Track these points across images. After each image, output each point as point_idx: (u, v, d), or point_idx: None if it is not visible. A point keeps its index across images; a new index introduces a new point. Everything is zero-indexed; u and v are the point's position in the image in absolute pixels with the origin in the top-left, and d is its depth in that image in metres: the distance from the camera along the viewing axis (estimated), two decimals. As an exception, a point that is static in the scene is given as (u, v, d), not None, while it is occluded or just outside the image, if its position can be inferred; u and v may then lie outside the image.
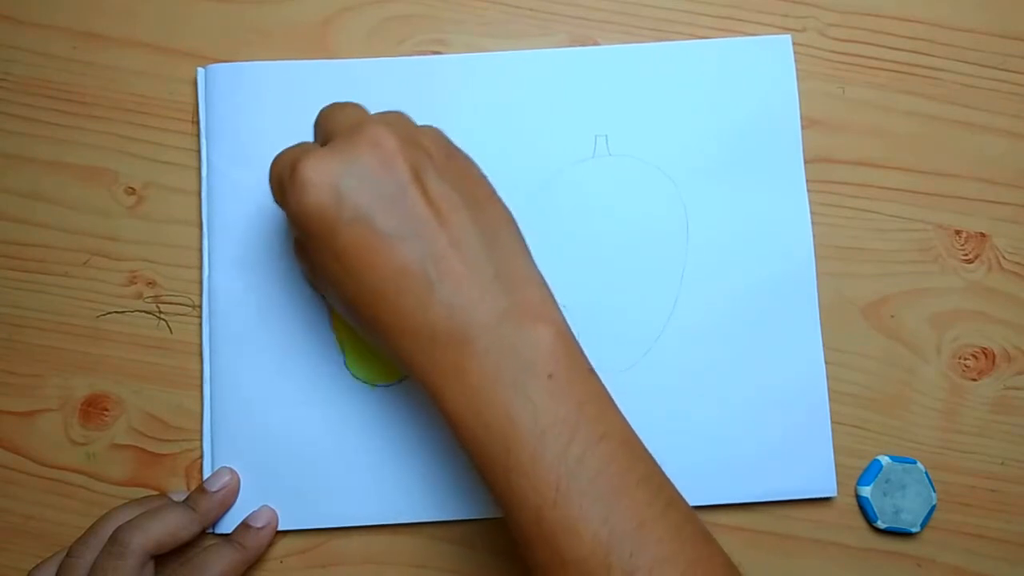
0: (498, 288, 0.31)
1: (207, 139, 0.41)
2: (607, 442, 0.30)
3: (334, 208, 0.30)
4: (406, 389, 0.40)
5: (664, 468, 0.31)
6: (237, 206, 0.40)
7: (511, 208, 0.34)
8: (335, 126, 0.33)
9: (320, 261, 0.32)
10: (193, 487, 0.39)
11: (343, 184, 0.30)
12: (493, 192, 0.34)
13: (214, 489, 0.38)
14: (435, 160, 0.32)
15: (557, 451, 0.29)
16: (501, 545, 0.40)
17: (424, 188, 0.31)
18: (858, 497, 0.40)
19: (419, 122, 0.34)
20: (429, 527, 0.40)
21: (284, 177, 0.31)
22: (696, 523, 0.30)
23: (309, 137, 0.41)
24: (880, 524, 0.39)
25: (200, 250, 0.41)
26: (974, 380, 0.41)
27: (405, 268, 0.30)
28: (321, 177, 0.30)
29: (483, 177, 0.34)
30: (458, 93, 0.41)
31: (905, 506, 0.40)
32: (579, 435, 0.29)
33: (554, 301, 0.32)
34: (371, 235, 0.30)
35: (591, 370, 0.31)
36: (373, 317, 0.31)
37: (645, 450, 0.31)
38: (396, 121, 0.32)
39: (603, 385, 0.32)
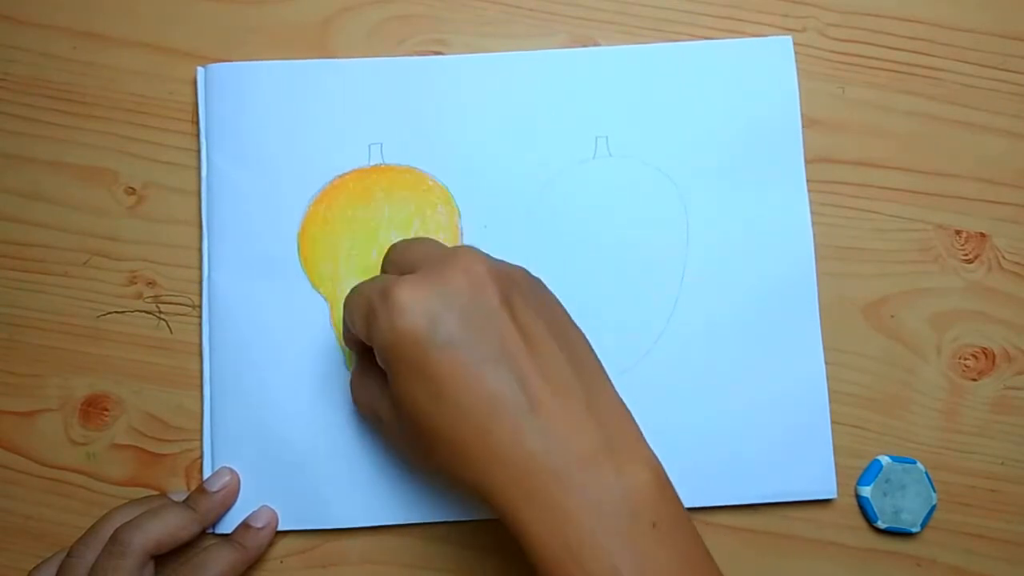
0: (592, 422, 0.30)
1: (207, 139, 0.41)
2: None
3: (427, 332, 0.30)
4: (406, 389, 0.40)
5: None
6: (237, 206, 0.40)
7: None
8: (419, 257, 0.33)
9: (404, 388, 0.31)
10: (193, 487, 0.39)
11: (437, 308, 0.30)
12: (571, 319, 0.34)
13: (214, 489, 0.38)
14: (522, 288, 0.32)
15: None
16: (501, 545, 0.40)
17: (513, 314, 0.31)
18: (858, 497, 0.40)
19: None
20: (428, 527, 0.40)
21: (375, 303, 0.31)
22: None
23: (309, 136, 0.41)
24: (880, 524, 0.39)
25: (200, 250, 0.41)
26: (974, 380, 0.41)
27: (498, 393, 0.30)
28: (416, 302, 0.30)
29: (561, 305, 0.34)
30: (458, 94, 0.41)
31: (905, 506, 0.40)
32: None
33: (643, 435, 0.32)
34: (463, 360, 0.30)
35: (687, 515, 0.31)
36: (461, 444, 0.30)
37: None
38: (481, 252, 0.32)
39: (695, 529, 0.31)
